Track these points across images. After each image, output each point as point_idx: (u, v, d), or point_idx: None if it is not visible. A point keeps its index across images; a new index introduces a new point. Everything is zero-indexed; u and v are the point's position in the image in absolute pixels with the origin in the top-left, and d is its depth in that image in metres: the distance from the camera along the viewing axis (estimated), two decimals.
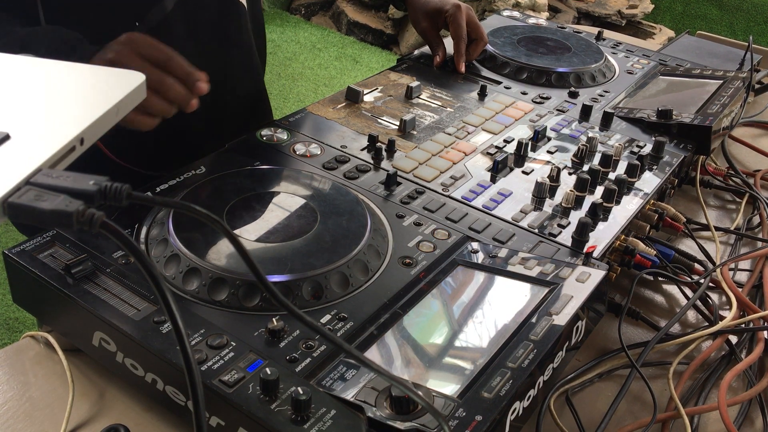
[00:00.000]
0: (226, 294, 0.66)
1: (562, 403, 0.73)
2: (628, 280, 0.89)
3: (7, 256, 0.68)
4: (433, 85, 1.15)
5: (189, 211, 0.41)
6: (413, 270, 0.73)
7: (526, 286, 0.72)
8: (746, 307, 0.85)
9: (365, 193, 0.84)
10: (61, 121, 0.45)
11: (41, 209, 0.37)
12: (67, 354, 0.70)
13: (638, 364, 0.74)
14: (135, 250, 0.39)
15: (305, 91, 3.46)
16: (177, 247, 0.68)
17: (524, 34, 1.34)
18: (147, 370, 0.62)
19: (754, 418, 0.75)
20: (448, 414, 0.55)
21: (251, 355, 0.60)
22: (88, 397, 0.67)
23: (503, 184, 0.91)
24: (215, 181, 0.80)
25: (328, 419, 0.55)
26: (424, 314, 0.69)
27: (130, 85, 0.50)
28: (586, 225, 0.80)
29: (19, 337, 0.74)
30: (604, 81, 1.24)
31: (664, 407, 0.74)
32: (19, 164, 0.40)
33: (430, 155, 0.95)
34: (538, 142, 1.01)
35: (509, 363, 0.61)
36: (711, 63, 1.36)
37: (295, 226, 0.74)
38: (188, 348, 0.41)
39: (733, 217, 1.09)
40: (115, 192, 0.39)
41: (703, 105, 1.10)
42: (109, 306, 0.64)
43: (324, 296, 0.67)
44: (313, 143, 0.94)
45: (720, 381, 0.72)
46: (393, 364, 0.63)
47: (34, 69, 0.52)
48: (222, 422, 0.58)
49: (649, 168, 0.97)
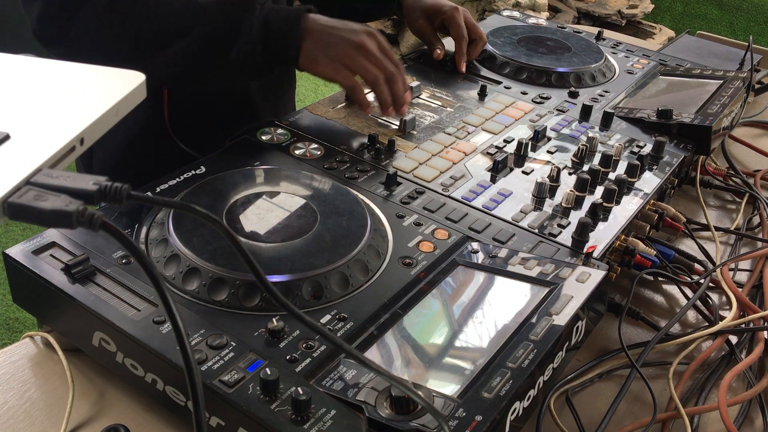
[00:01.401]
0: (226, 294, 0.66)
1: (562, 403, 0.73)
2: (628, 280, 0.89)
3: (7, 256, 0.68)
4: (433, 85, 1.15)
5: (189, 211, 0.41)
6: (413, 270, 0.73)
7: (526, 286, 0.72)
8: (746, 307, 0.85)
9: (365, 193, 0.84)
10: (61, 121, 0.45)
11: (41, 209, 0.37)
12: (67, 354, 0.70)
13: (638, 364, 0.74)
14: (135, 250, 0.39)
15: (305, 91, 3.46)
16: (177, 247, 0.68)
17: (524, 34, 1.34)
18: (147, 370, 0.62)
19: (754, 418, 0.75)
20: (448, 414, 0.55)
21: (251, 355, 0.60)
22: (88, 397, 0.67)
23: (503, 184, 0.91)
24: (215, 181, 0.80)
25: (328, 419, 0.55)
26: (424, 314, 0.69)
27: (130, 85, 0.50)
28: (586, 225, 0.80)
29: (19, 337, 0.74)
30: (604, 81, 1.24)
31: (664, 407, 0.74)
32: (19, 164, 0.40)
33: (430, 155, 0.95)
34: (538, 142, 1.01)
35: (509, 363, 0.61)
36: (711, 63, 1.36)
37: (295, 226, 0.74)
38: (188, 348, 0.41)
39: (733, 217, 1.09)
40: (115, 192, 0.39)
41: (703, 105, 1.10)
42: (109, 306, 0.64)
43: (324, 296, 0.67)
44: (313, 143, 0.94)
45: (720, 381, 0.72)
46: (393, 364, 0.63)
47: (34, 69, 0.52)
48: (222, 422, 0.58)
49: (649, 168, 0.97)
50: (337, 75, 0.94)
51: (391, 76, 0.96)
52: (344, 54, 0.93)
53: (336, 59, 0.93)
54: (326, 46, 0.93)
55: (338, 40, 0.93)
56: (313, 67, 0.94)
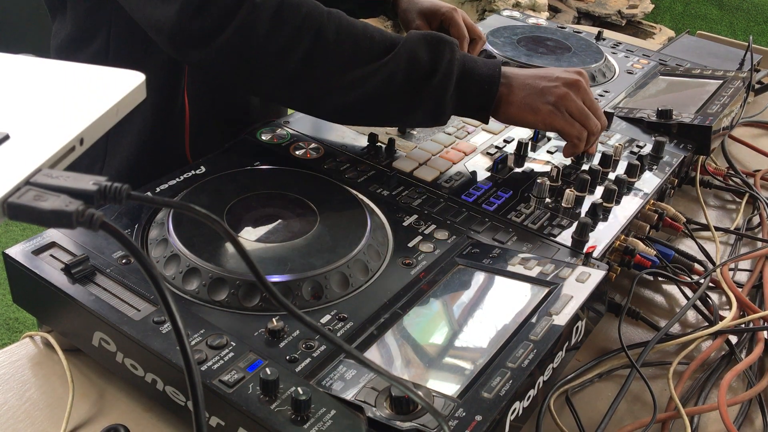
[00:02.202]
0: (226, 294, 0.66)
1: (562, 403, 0.73)
2: (628, 280, 0.89)
3: (7, 256, 0.68)
4: None
5: (189, 211, 0.41)
6: (413, 270, 0.73)
7: (526, 286, 0.72)
8: (746, 307, 0.85)
9: (365, 193, 0.84)
10: (61, 121, 0.45)
11: (41, 209, 0.37)
12: (67, 354, 0.70)
13: (638, 364, 0.74)
14: (135, 250, 0.39)
15: None
16: (177, 247, 0.68)
17: (524, 34, 1.34)
18: (147, 370, 0.62)
19: (754, 418, 0.75)
20: (448, 414, 0.55)
21: (251, 355, 0.60)
22: (88, 397, 0.67)
23: (503, 184, 0.91)
24: (215, 181, 0.80)
25: (328, 419, 0.55)
26: (424, 314, 0.69)
27: (130, 85, 0.50)
28: (586, 225, 0.80)
29: (19, 337, 0.74)
30: (604, 81, 1.24)
31: (664, 407, 0.74)
32: (19, 164, 0.40)
33: (430, 155, 0.95)
34: (538, 142, 1.01)
35: (509, 363, 0.61)
36: (711, 63, 1.36)
37: (295, 226, 0.74)
38: (188, 348, 0.41)
39: (733, 217, 1.09)
40: (115, 192, 0.38)
41: (703, 105, 1.10)
42: (109, 306, 0.64)
43: (324, 296, 0.67)
44: (313, 143, 0.94)
45: (720, 381, 0.72)
46: (393, 364, 0.63)
47: (34, 69, 0.52)
48: (222, 422, 0.58)
49: (649, 168, 0.97)
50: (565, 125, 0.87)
51: (596, 132, 0.90)
52: (562, 97, 0.86)
53: (554, 104, 0.87)
54: (532, 93, 0.87)
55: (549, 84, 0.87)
56: (526, 116, 0.87)
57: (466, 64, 0.85)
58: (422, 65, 0.82)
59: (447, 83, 0.83)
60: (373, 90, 0.82)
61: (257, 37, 0.78)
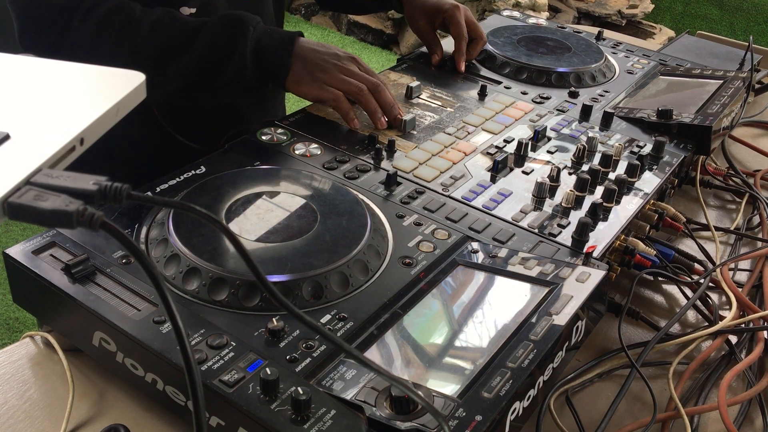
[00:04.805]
0: (226, 294, 0.66)
1: (562, 403, 0.73)
2: (628, 280, 0.89)
3: (7, 256, 0.68)
4: (433, 85, 1.15)
5: (189, 211, 0.41)
6: (413, 270, 0.73)
7: (526, 286, 0.72)
8: (746, 307, 0.85)
9: (365, 193, 0.84)
10: (61, 121, 0.45)
11: (41, 209, 0.37)
12: (67, 354, 0.70)
13: (638, 364, 0.74)
14: (135, 250, 0.39)
15: None
16: (177, 247, 0.68)
17: (524, 34, 1.34)
18: (147, 370, 0.62)
19: (754, 418, 0.75)
20: (448, 414, 0.55)
21: (251, 355, 0.60)
22: (88, 397, 0.67)
23: (503, 184, 0.91)
24: (215, 181, 0.80)
25: (328, 419, 0.55)
26: (424, 314, 0.69)
27: (130, 84, 0.50)
28: (586, 225, 0.80)
29: (19, 337, 0.74)
30: (604, 81, 1.24)
31: (664, 407, 0.74)
32: (19, 164, 0.40)
33: (430, 155, 0.95)
34: (538, 142, 1.01)
35: (509, 363, 0.61)
36: (711, 63, 1.36)
37: (295, 226, 0.74)
38: (188, 348, 0.41)
39: (733, 217, 1.09)
40: (115, 192, 0.39)
41: (703, 105, 1.10)
42: (109, 306, 0.64)
43: (324, 296, 0.67)
44: (313, 143, 0.94)
45: (720, 381, 0.72)
46: (393, 364, 0.63)
47: (34, 69, 0.52)
48: (222, 422, 0.58)
49: (649, 168, 0.97)
50: (320, 93, 0.98)
51: (375, 86, 0.99)
52: (327, 74, 0.97)
53: (319, 79, 0.97)
54: (312, 68, 0.97)
55: (322, 62, 0.98)
56: (297, 87, 0.98)
57: (260, 45, 0.96)
58: (222, 49, 0.95)
59: (243, 62, 0.95)
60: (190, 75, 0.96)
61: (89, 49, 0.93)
